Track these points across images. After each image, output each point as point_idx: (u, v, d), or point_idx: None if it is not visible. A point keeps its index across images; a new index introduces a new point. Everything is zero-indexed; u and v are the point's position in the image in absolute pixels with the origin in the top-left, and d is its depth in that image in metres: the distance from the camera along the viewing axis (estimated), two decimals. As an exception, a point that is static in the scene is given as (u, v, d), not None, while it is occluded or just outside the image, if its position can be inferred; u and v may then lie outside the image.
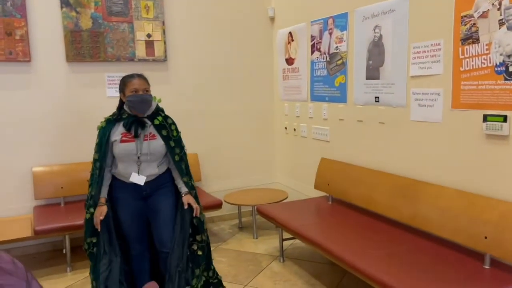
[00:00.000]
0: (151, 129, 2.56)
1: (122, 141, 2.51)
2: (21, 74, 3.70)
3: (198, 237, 2.65)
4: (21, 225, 3.47)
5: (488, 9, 2.32)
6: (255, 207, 3.81)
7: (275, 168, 4.85)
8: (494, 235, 2.25)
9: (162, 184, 2.63)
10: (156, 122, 2.58)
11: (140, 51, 4.06)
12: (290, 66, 4.36)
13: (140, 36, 4.05)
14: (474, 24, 2.40)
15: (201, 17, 4.35)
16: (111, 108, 4.02)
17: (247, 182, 4.68)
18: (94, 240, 2.55)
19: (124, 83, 2.57)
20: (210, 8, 4.37)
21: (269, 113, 4.77)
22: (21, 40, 3.63)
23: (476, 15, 2.39)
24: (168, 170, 2.68)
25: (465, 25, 2.46)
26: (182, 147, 2.66)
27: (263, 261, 3.54)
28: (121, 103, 2.63)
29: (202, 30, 4.37)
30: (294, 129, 4.38)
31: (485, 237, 2.29)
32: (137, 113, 2.55)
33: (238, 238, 4.11)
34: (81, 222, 3.34)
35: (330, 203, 3.61)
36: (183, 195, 2.62)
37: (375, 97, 3.22)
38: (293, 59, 4.30)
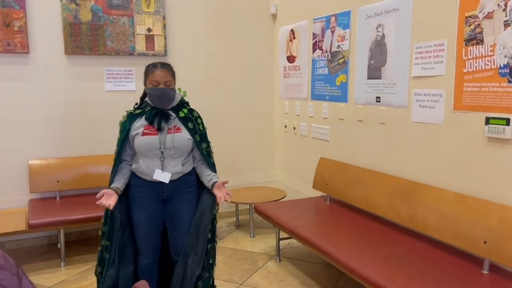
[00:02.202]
0: (175, 122, 2.36)
1: (143, 134, 2.30)
2: (19, 65, 3.67)
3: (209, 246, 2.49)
4: (16, 218, 3.44)
5: (494, 10, 2.28)
6: (253, 205, 3.78)
7: (274, 166, 4.81)
8: (494, 240, 2.22)
9: (185, 187, 2.41)
10: (181, 114, 2.39)
11: (140, 45, 4.02)
12: (291, 64, 4.32)
13: (140, 30, 4.01)
14: (479, 25, 2.36)
15: (203, 13, 4.31)
16: (110, 102, 4.05)
17: (246, 180, 4.64)
18: (107, 243, 2.36)
19: (146, 73, 2.36)
20: (212, 4, 4.33)
21: (269, 111, 4.73)
22: (19, 31, 3.59)
23: (481, 15, 2.35)
24: (193, 172, 2.46)
25: (470, 25, 2.41)
26: (208, 142, 2.48)
27: (259, 260, 3.51)
28: (145, 93, 2.43)
29: (203, 25, 4.33)
30: (294, 128, 4.34)
31: (485, 242, 2.26)
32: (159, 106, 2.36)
33: (234, 236, 4.07)
34: (76, 217, 3.35)
35: (328, 203, 3.58)
36: (217, 181, 2.39)
37: (376, 97, 3.18)
38: (294, 57, 4.26)
